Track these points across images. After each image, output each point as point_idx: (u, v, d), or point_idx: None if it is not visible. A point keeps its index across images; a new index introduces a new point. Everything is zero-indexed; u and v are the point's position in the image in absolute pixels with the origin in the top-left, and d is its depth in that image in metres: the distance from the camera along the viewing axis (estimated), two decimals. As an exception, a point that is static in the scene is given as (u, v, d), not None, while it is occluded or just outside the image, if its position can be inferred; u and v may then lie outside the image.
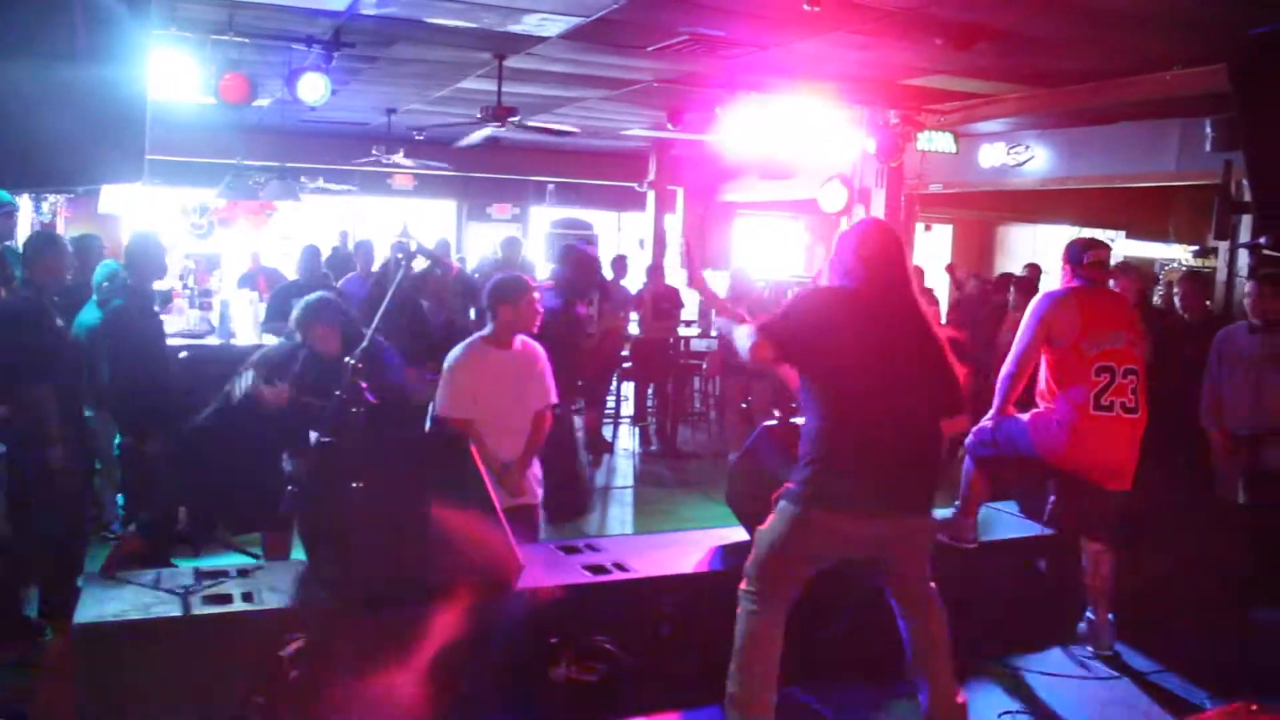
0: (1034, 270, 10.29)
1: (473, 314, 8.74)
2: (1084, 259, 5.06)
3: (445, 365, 5.06)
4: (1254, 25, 6.24)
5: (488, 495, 4.27)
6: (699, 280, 4.45)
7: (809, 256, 18.34)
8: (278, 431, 4.81)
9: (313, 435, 4.29)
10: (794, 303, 3.96)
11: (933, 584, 3.97)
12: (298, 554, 4.86)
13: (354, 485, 3.73)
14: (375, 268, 9.05)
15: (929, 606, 3.95)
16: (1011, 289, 9.22)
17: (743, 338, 3.87)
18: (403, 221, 6.30)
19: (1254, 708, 2.85)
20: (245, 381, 5.00)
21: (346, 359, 3.82)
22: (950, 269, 12.52)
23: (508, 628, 4.28)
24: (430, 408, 8.22)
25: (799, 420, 4.01)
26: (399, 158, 13.19)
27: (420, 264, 8.54)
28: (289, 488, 4.27)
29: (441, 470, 4.30)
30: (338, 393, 3.77)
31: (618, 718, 4.11)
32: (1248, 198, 6.58)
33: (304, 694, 3.81)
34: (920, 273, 10.83)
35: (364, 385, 3.75)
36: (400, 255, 4.75)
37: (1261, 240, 6.38)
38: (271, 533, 5.35)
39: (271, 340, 6.69)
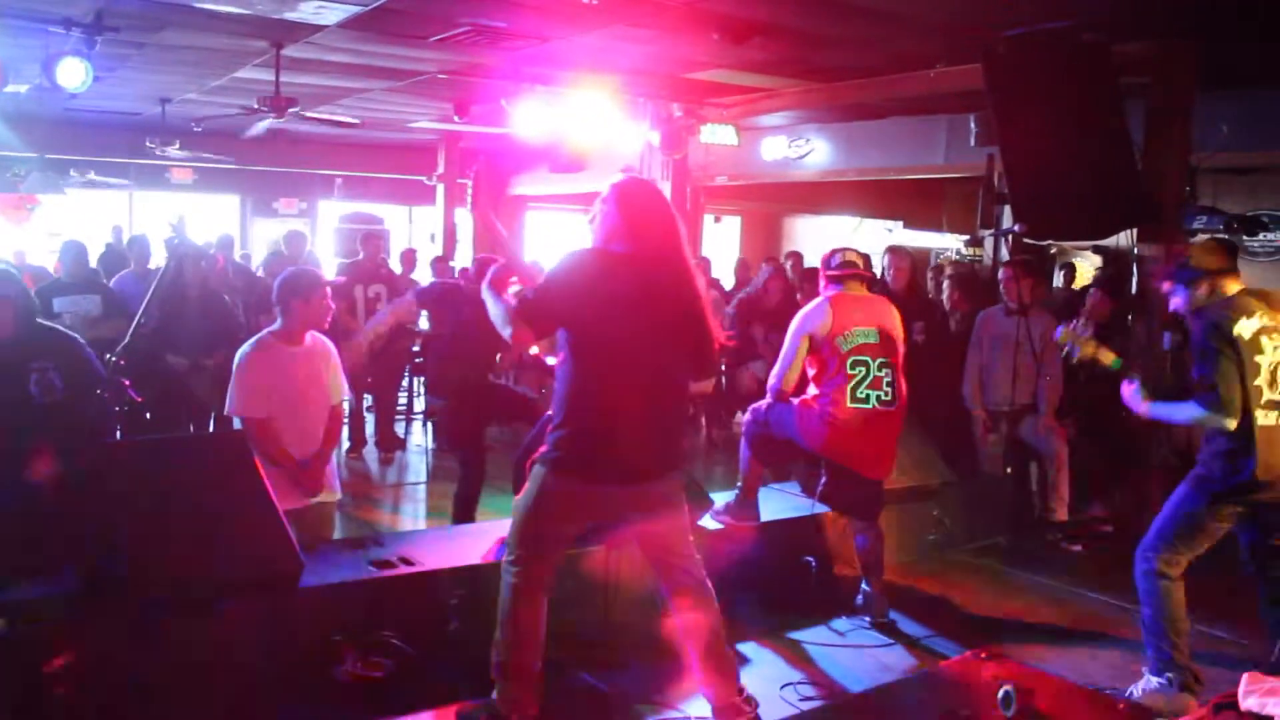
0: (796, 256, 10.85)
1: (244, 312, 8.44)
2: (833, 262, 5.37)
3: (235, 362, 4.90)
4: (1006, 28, 6.67)
5: (266, 494, 4.16)
6: (490, 224, 4.16)
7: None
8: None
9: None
10: (553, 272, 3.80)
11: (698, 558, 4.03)
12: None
13: (121, 488, 3.56)
14: (151, 265, 8.64)
15: (692, 580, 3.98)
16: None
17: (502, 323, 3.81)
18: (179, 215, 5.97)
19: (983, 654, 3.05)
20: None
21: (108, 355, 3.65)
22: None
23: (289, 627, 4.20)
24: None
25: None
26: (175, 150, 12.66)
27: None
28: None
29: (217, 470, 4.18)
30: (99, 390, 3.60)
31: (406, 713, 4.06)
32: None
33: (73, 712, 3.64)
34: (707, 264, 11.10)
35: (127, 382, 3.59)
36: (171, 251, 4.56)
37: (1016, 228, 6.81)
38: None
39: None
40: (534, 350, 5.24)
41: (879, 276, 7.20)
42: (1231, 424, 4.25)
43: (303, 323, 4.95)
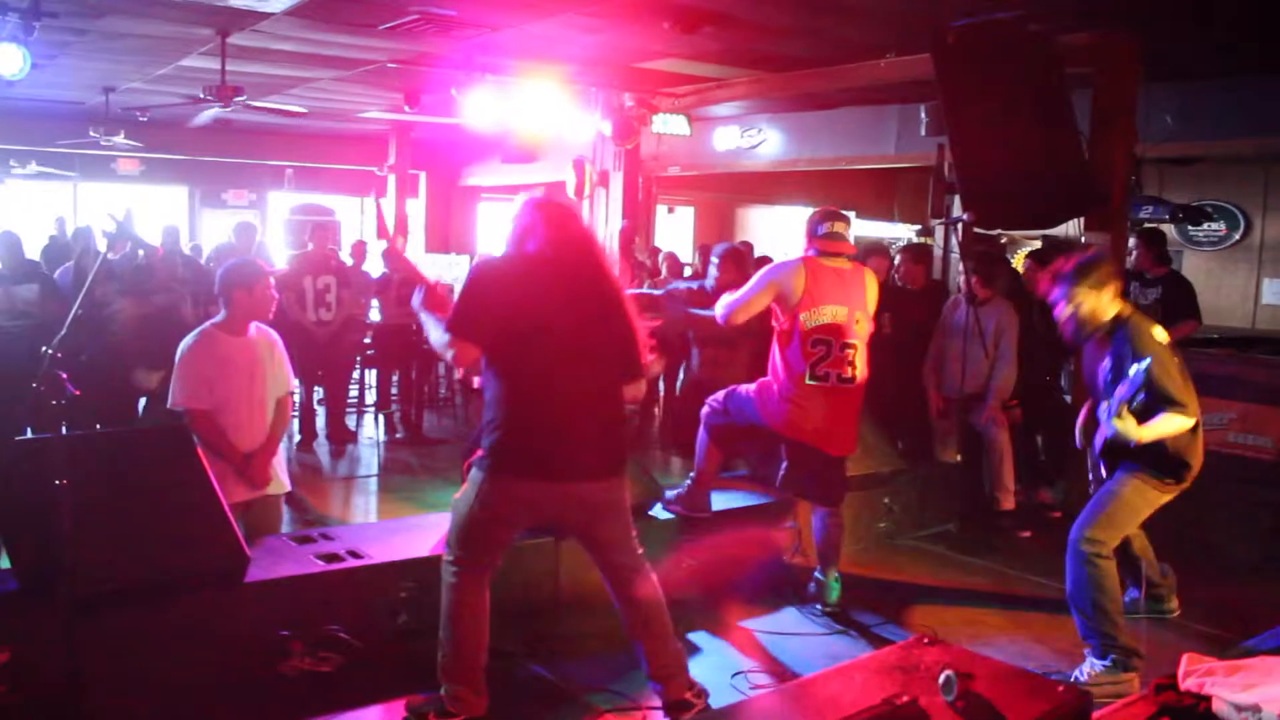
0: (746, 246, 10.78)
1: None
2: (819, 230, 5.17)
3: (178, 354, 4.83)
4: (954, 18, 6.71)
5: (211, 487, 4.11)
6: (396, 254, 4.17)
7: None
8: None
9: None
10: (469, 285, 3.76)
11: (643, 556, 4.02)
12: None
13: (58, 482, 3.49)
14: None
15: (636, 576, 3.98)
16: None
17: (442, 347, 3.77)
18: (126, 208, 5.81)
19: (926, 639, 3.06)
20: None
21: (44, 348, 3.57)
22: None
23: (236, 622, 4.15)
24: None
25: None
26: (120, 139, 12.48)
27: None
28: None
29: (159, 463, 4.12)
30: (35, 384, 3.52)
31: (355, 707, 4.04)
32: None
33: (12, 712, 3.58)
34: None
35: (65, 376, 3.51)
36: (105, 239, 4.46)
37: (965, 216, 6.86)
38: None
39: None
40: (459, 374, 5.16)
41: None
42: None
43: (246, 313, 4.89)
